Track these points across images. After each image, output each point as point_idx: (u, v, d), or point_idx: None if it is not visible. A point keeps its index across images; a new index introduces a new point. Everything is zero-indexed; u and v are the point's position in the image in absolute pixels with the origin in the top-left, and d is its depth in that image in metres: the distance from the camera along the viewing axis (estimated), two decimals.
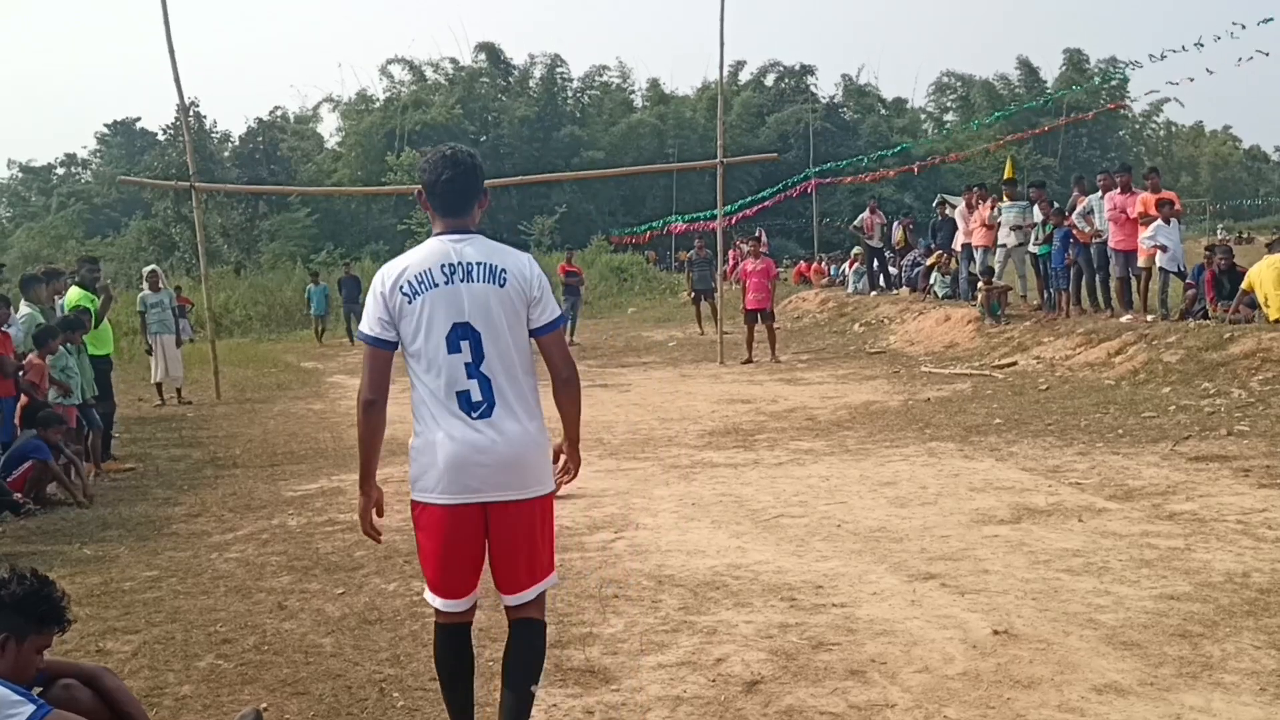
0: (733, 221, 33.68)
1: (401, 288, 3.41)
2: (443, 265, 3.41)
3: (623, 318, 29.63)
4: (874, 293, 22.28)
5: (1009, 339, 14.78)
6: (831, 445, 9.46)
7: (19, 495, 7.69)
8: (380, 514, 3.63)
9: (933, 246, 20.97)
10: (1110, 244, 13.91)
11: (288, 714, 4.22)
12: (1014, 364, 13.50)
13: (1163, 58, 18.93)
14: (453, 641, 3.62)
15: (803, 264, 31.97)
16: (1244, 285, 12.29)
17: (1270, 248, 12.17)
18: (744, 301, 17.50)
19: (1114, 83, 55.51)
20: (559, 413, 3.62)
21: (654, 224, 40.68)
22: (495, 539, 3.46)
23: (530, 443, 3.45)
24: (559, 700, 4.24)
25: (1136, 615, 4.82)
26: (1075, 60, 63.64)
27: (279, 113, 57.23)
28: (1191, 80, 20.13)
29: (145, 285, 15.14)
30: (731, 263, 29.68)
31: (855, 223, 22.75)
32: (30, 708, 3.03)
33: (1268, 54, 17.81)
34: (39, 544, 7.21)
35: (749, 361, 16.67)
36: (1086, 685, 4.12)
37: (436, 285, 3.39)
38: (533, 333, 3.50)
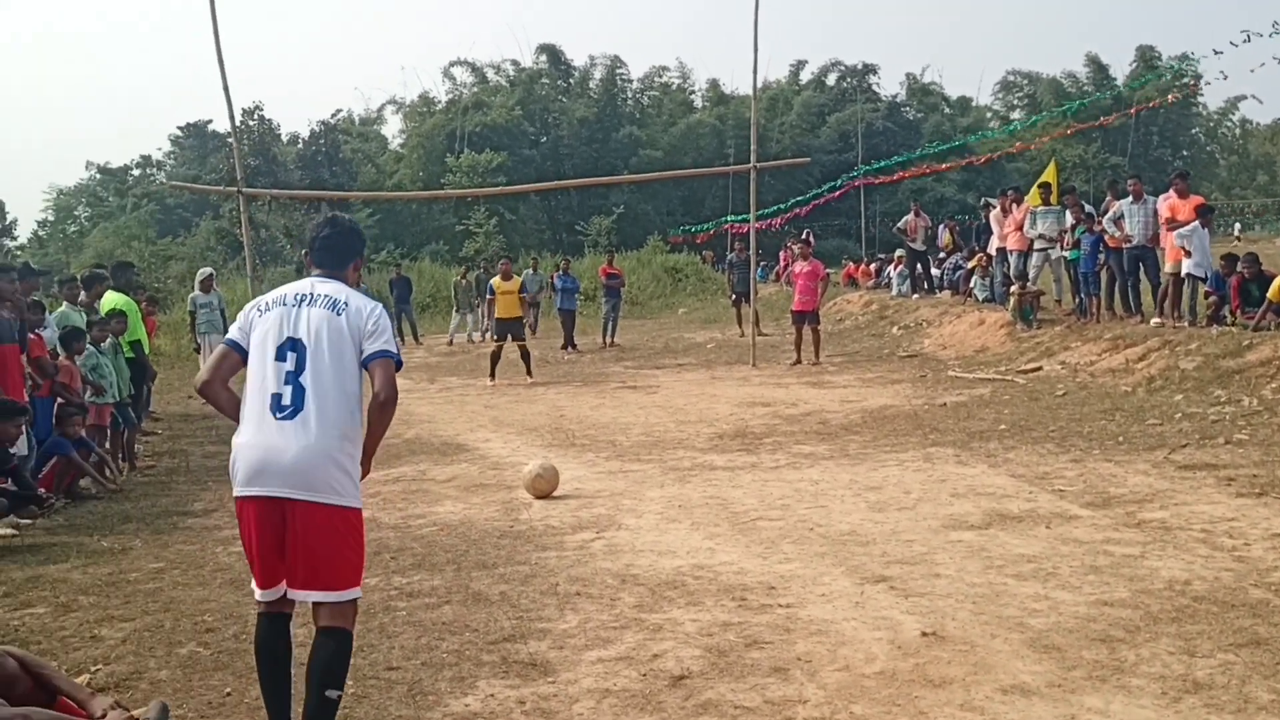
0: (779, 223, 33.81)
1: (259, 306, 4.03)
2: (297, 293, 4.01)
3: (671, 318, 29.88)
4: (916, 295, 22.24)
5: (1038, 344, 14.76)
6: (833, 450, 9.63)
7: (43, 490, 8.16)
8: None
9: (975, 249, 20.91)
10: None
11: (247, 699, 4.55)
12: (1038, 369, 13.50)
13: (1245, 41, 18.62)
14: (268, 630, 3.98)
15: (851, 265, 31.93)
16: (1270, 295, 12.15)
17: None
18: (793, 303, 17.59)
19: (1187, 79, 54.47)
20: (367, 423, 3.95)
21: (706, 225, 40.87)
22: (289, 535, 3.77)
23: (322, 453, 3.75)
24: (497, 690, 4.52)
25: (1066, 620, 4.97)
26: (1147, 56, 62.43)
27: (341, 115, 58.39)
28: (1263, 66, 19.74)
29: (197, 286, 15.82)
30: (783, 263, 29.86)
31: (898, 225, 22.72)
32: None
33: None
34: (64, 535, 7.67)
35: (798, 363, 16.73)
36: (995, 686, 4.29)
37: (285, 305, 3.96)
38: (363, 360, 3.89)
